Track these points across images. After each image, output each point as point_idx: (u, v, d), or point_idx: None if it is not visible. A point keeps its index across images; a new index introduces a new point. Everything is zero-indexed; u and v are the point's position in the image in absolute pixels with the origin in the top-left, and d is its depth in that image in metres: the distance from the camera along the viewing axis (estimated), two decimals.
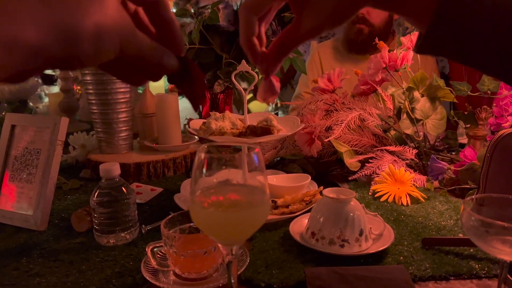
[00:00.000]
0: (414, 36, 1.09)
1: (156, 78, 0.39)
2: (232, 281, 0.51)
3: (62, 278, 0.64)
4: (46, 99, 2.01)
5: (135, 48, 0.33)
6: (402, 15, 0.46)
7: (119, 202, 0.74)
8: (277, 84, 0.49)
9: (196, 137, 1.24)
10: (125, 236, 0.76)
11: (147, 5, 0.37)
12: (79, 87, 2.03)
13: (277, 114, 0.98)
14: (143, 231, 0.78)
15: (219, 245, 0.50)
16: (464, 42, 0.41)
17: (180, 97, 1.32)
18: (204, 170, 0.46)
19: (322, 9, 0.43)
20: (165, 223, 0.65)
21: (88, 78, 1.10)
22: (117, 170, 0.75)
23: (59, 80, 1.88)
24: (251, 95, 2.82)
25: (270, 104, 2.43)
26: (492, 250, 0.53)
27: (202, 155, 0.46)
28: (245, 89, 0.89)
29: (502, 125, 1.14)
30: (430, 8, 0.41)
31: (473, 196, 0.59)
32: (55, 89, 2.18)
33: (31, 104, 1.83)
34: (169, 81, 0.40)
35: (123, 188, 0.76)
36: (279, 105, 2.51)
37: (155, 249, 0.65)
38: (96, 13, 0.29)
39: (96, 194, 0.74)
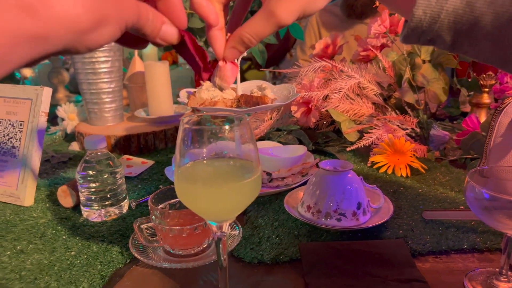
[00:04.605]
0: None
1: (157, 45, 0.39)
2: (223, 258, 0.48)
3: (48, 256, 0.62)
4: (36, 70, 1.95)
5: (136, 27, 0.34)
6: (385, 4, 0.43)
7: (105, 176, 0.71)
8: (234, 71, 0.43)
9: (189, 108, 1.19)
10: (114, 211, 0.73)
11: None
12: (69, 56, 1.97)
13: (274, 84, 0.93)
14: (132, 206, 0.75)
15: (207, 222, 0.47)
16: (450, 36, 0.38)
17: (172, 67, 1.27)
18: (189, 142, 0.43)
19: None
20: (153, 198, 0.62)
21: None
22: (102, 143, 0.71)
23: None
24: (249, 63, 2.75)
25: (267, 72, 2.37)
26: (497, 225, 0.50)
27: (188, 126, 0.43)
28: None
29: (506, 92, 1.10)
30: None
31: (478, 168, 0.56)
32: None
33: (18, 74, 1.77)
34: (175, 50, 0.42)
35: (109, 161, 0.72)
36: (276, 74, 2.45)
37: (142, 225, 0.62)
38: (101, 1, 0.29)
39: (81, 167, 0.71)
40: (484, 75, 1.04)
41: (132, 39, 0.38)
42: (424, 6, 0.36)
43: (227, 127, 0.43)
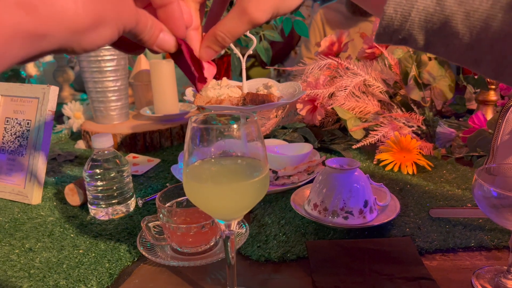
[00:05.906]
0: None
1: (154, 52, 0.39)
2: (231, 256, 0.48)
3: (56, 254, 0.62)
4: (41, 68, 1.95)
5: (133, 32, 0.34)
6: (358, 3, 0.43)
7: (112, 174, 0.71)
8: (211, 70, 0.43)
9: (195, 106, 1.20)
10: (121, 209, 0.73)
11: None
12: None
13: (278, 81, 0.93)
14: (139, 204, 0.76)
15: (216, 220, 0.47)
16: (423, 37, 0.37)
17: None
18: (197, 141, 0.43)
19: None
20: (160, 196, 0.62)
21: None
22: (109, 141, 0.71)
23: None
24: (253, 60, 2.73)
25: (272, 70, 2.36)
26: (506, 223, 0.50)
27: (196, 125, 0.43)
28: (243, 54, 0.84)
29: None
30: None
31: (485, 166, 0.56)
32: (49, 57, 2.12)
33: (24, 73, 1.78)
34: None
35: (116, 159, 0.73)
36: (281, 72, 2.44)
37: (149, 224, 0.62)
38: (100, 2, 0.29)
39: (88, 166, 0.71)
40: None
41: (129, 44, 0.38)
42: (395, 4, 0.36)
43: (235, 126, 0.43)
